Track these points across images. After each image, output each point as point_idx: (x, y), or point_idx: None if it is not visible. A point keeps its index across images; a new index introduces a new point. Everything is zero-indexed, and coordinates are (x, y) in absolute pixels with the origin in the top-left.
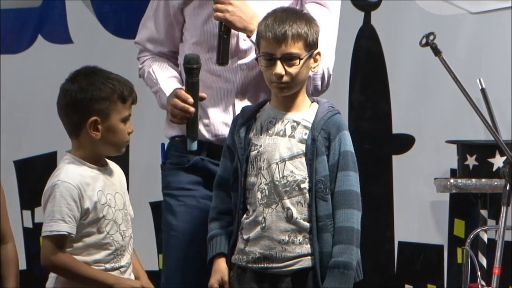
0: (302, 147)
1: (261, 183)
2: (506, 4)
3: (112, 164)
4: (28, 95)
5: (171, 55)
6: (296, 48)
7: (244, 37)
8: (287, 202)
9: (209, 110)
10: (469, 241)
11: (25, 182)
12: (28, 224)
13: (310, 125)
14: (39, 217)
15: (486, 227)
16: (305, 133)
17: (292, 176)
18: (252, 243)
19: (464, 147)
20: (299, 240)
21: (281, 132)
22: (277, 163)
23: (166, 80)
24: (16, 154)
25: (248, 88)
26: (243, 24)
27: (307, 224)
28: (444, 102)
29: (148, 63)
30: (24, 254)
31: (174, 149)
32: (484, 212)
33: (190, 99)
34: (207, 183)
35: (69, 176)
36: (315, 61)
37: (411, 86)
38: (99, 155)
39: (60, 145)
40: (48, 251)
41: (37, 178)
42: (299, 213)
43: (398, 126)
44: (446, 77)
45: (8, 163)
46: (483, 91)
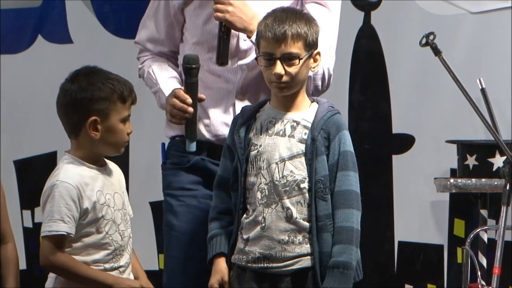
0: (302, 147)
1: (261, 183)
2: (506, 4)
3: (111, 164)
4: (28, 95)
5: (171, 55)
6: (295, 48)
7: (244, 38)
8: (287, 202)
9: (210, 110)
10: (469, 241)
11: (25, 182)
12: (28, 224)
13: (309, 125)
14: (39, 217)
15: (486, 227)
16: (305, 133)
17: (291, 176)
18: (252, 243)
19: (464, 147)
20: (298, 240)
21: (281, 132)
22: (276, 163)
23: (165, 81)
24: (16, 154)
25: (249, 88)
26: (243, 25)
27: (306, 224)
28: (444, 102)
29: (148, 63)
30: (24, 254)
31: (174, 149)
32: (484, 212)
33: (188, 100)
34: (208, 183)
35: (68, 176)
36: (315, 61)
37: (411, 86)
38: (98, 155)
39: (60, 145)
40: (47, 251)
41: (37, 178)
42: (299, 213)
43: (398, 126)
44: (446, 77)
45: (8, 163)
46: (483, 91)
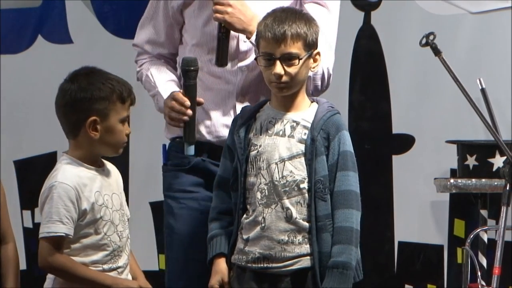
0: (302, 147)
1: (260, 183)
2: (506, 4)
3: (108, 165)
4: (28, 95)
5: (169, 58)
6: (295, 48)
7: (244, 39)
8: (287, 202)
9: (210, 111)
10: (469, 241)
11: (25, 182)
12: (28, 224)
13: (309, 125)
14: (39, 217)
15: (486, 227)
16: (305, 133)
17: (291, 176)
18: (252, 243)
19: (464, 147)
20: (298, 240)
21: (281, 132)
22: (276, 163)
23: (164, 84)
24: (16, 154)
25: (249, 89)
26: (242, 26)
27: (306, 224)
28: (444, 102)
29: (146, 66)
30: (24, 254)
31: (175, 150)
32: (484, 212)
33: (187, 102)
34: (208, 184)
35: (67, 177)
36: (315, 61)
37: (411, 86)
38: (97, 155)
39: (60, 145)
40: (46, 252)
41: (37, 178)
42: (299, 213)
43: (398, 126)
44: (446, 77)
45: (8, 163)
46: (483, 91)
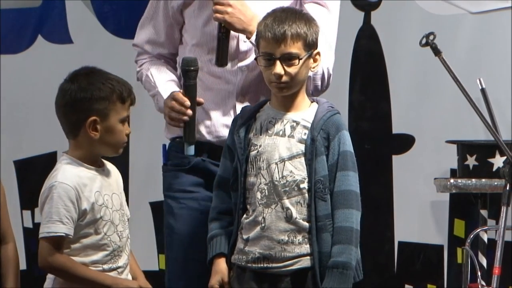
0: (302, 147)
1: (260, 183)
2: (506, 4)
3: (108, 165)
4: (28, 95)
5: (169, 58)
6: (295, 48)
7: (244, 39)
8: (287, 202)
9: (210, 111)
10: (469, 241)
11: (25, 182)
12: (28, 224)
13: (309, 125)
14: (39, 217)
15: (486, 227)
16: (305, 133)
17: (291, 176)
18: (252, 243)
19: (464, 147)
20: (298, 240)
21: (281, 132)
22: (276, 163)
23: (164, 84)
24: (16, 154)
25: (249, 89)
26: (242, 26)
27: (306, 224)
28: (444, 102)
29: (146, 66)
30: (24, 254)
31: (175, 150)
32: (484, 212)
33: (187, 102)
34: (209, 184)
35: (66, 177)
36: (315, 61)
37: (411, 86)
38: (97, 155)
39: (60, 145)
40: (46, 252)
41: (37, 178)
42: (299, 213)
43: (398, 126)
44: (446, 77)
45: (8, 163)
46: (483, 91)
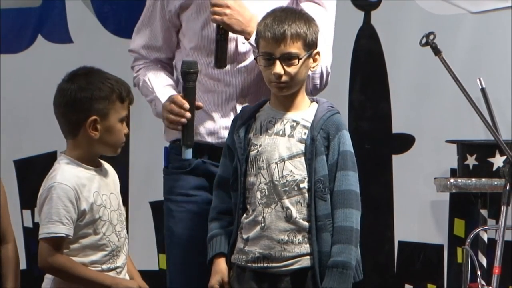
0: (302, 147)
1: (260, 183)
2: (506, 4)
3: (105, 164)
4: (28, 95)
5: (166, 62)
6: (295, 48)
7: (242, 40)
8: (287, 202)
9: (210, 113)
10: (469, 240)
11: (25, 182)
12: (28, 224)
13: (309, 125)
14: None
15: (486, 227)
16: (305, 133)
17: (291, 175)
18: (252, 243)
19: (464, 147)
20: (298, 239)
21: (281, 132)
22: (276, 163)
23: (162, 88)
24: (16, 154)
25: (249, 90)
26: (241, 27)
27: (306, 224)
28: (444, 102)
29: (143, 71)
30: (24, 254)
31: (175, 153)
32: (484, 212)
33: (186, 105)
34: (210, 186)
35: (66, 177)
36: (314, 60)
37: (411, 86)
38: (95, 155)
39: (60, 145)
40: (46, 253)
41: (37, 178)
42: (298, 212)
43: (398, 126)
44: (446, 77)
45: (8, 163)
46: (483, 91)
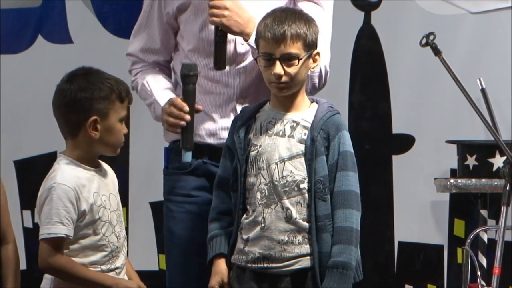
0: (302, 147)
1: (260, 183)
2: (506, 4)
3: (104, 165)
4: (28, 95)
5: (164, 65)
6: (295, 48)
7: (241, 41)
8: (287, 202)
9: (210, 114)
10: (469, 241)
11: (25, 182)
12: (28, 224)
13: (309, 125)
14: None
15: (486, 227)
16: (305, 133)
17: (291, 176)
18: (252, 243)
19: (464, 147)
20: (298, 240)
21: (281, 132)
22: (276, 163)
23: (161, 92)
24: (16, 154)
25: (249, 91)
26: (239, 28)
27: (306, 224)
28: (444, 102)
29: (141, 75)
30: (24, 254)
31: (175, 153)
32: (484, 212)
33: (186, 107)
34: (210, 186)
35: (65, 178)
36: (314, 61)
37: (411, 86)
38: (95, 155)
39: (60, 145)
40: (46, 254)
41: (37, 178)
42: (299, 213)
43: (398, 126)
44: (446, 77)
45: (8, 163)
46: (483, 91)
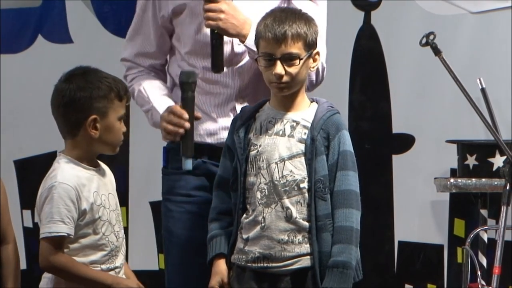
0: (302, 147)
1: (260, 183)
2: (506, 4)
3: (102, 165)
4: (28, 95)
5: (160, 69)
6: (296, 48)
7: (238, 42)
8: (287, 202)
9: (209, 114)
10: (469, 240)
11: (25, 182)
12: (28, 224)
13: (309, 125)
14: None
15: (486, 227)
16: (305, 133)
17: (291, 175)
18: (252, 243)
19: (464, 147)
20: (298, 239)
21: (281, 132)
22: (276, 163)
23: (158, 98)
24: (16, 154)
25: (247, 91)
26: (236, 30)
27: (306, 224)
28: (444, 102)
29: (137, 81)
30: (24, 254)
31: (173, 153)
32: (484, 212)
33: (185, 115)
34: (210, 185)
35: (66, 177)
36: (314, 60)
37: (411, 86)
38: (94, 154)
39: (60, 145)
40: (47, 253)
41: (37, 178)
42: (299, 212)
43: (398, 126)
44: (446, 77)
45: (8, 163)
46: (483, 91)
